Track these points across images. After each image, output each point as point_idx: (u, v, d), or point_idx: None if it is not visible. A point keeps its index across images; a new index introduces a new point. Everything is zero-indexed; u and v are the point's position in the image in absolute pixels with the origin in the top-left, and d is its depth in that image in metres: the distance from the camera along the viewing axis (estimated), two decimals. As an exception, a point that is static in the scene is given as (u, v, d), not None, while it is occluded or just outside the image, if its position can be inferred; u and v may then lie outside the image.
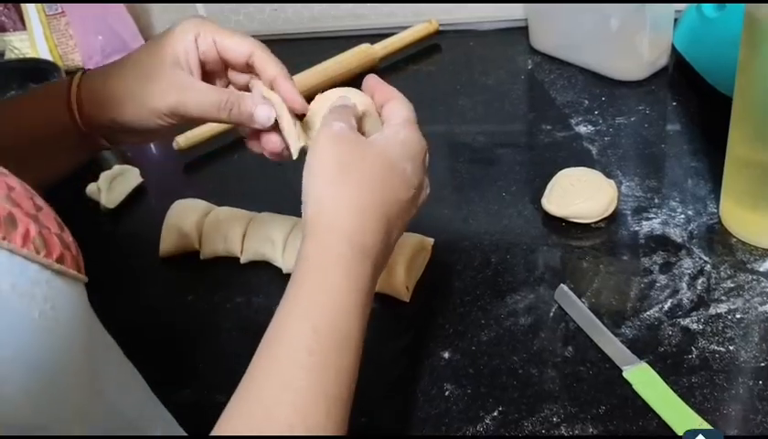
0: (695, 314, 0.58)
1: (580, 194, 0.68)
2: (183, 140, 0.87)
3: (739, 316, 0.57)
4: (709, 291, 0.60)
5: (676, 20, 0.87)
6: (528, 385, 0.55)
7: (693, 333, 0.57)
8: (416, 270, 0.65)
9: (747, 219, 0.64)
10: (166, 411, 0.44)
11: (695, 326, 0.57)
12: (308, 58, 0.95)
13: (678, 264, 0.63)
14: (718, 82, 0.79)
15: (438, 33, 1.04)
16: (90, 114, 0.56)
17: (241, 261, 0.70)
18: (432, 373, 0.57)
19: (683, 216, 0.68)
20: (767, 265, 0.61)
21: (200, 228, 0.71)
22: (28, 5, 1.04)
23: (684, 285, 0.61)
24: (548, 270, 0.65)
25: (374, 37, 1.01)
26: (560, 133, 0.82)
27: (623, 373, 0.54)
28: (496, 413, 0.53)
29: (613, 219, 0.68)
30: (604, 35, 0.87)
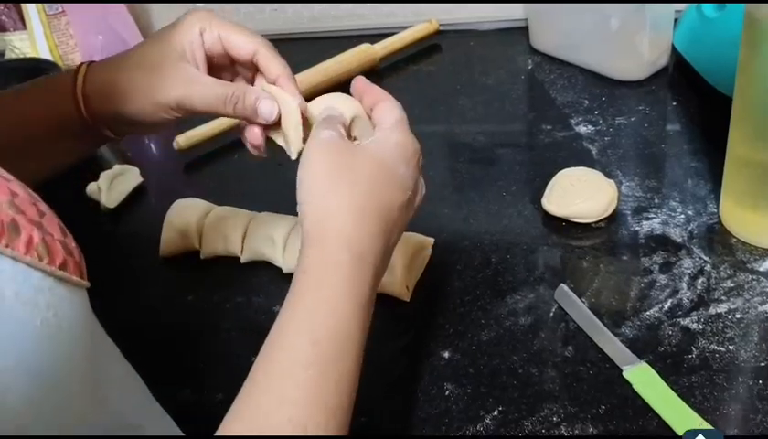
0: (695, 313, 0.58)
1: (580, 194, 0.68)
2: (183, 140, 0.87)
3: (739, 316, 0.57)
4: (709, 291, 0.60)
5: (676, 20, 0.87)
6: (528, 385, 0.55)
7: (693, 333, 0.57)
8: (416, 270, 0.65)
9: (747, 219, 0.64)
10: (165, 412, 0.44)
11: (695, 326, 0.57)
12: (308, 58, 0.95)
13: (678, 264, 0.63)
14: (718, 82, 0.79)
15: (438, 33, 1.04)
16: (96, 106, 0.56)
17: (242, 260, 0.70)
18: (432, 373, 0.57)
19: (683, 216, 0.68)
20: (767, 265, 0.61)
21: (200, 228, 0.71)
22: (29, 4, 1.04)
23: (684, 285, 0.61)
24: (548, 270, 0.65)
25: (374, 37, 1.01)
26: (560, 133, 0.82)
27: (623, 373, 0.54)
28: (496, 413, 0.53)
29: (613, 219, 0.68)
30: (604, 35, 0.87)
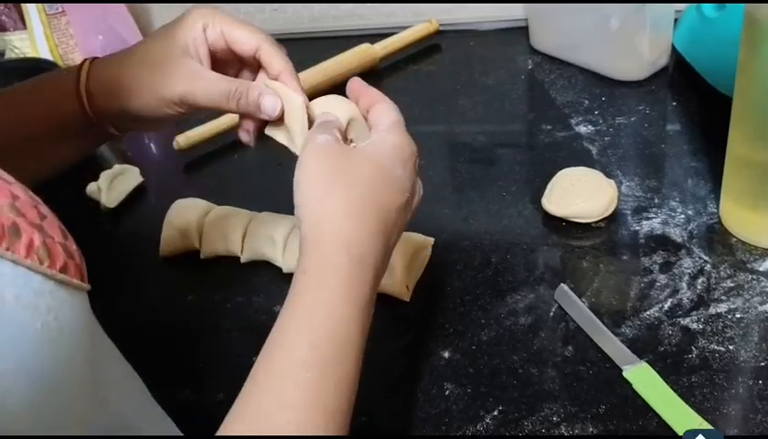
0: (695, 313, 0.58)
1: (580, 194, 0.68)
2: (183, 140, 0.87)
3: (739, 316, 0.58)
4: (709, 290, 0.60)
5: (676, 20, 0.87)
6: (528, 384, 0.55)
7: (693, 332, 0.57)
8: (416, 269, 0.65)
9: (747, 218, 0.64)
10: (165, 414, 0.44)
11: (695, 326, 0.57)
12: (308, 58, 0.95)
13: (678, 264, 0.63)
14: (718, 82, 0.79)
15: (438, 33, 1.04)
16: (100, 103, 0.55)
17: (242, 260, 0.70)
18: (432, 373, 0.57)
19: (683, 216, 0.68)
20: (767, 265, 0.62)
21: (200, 227, 0.71)
22: (29, 4, 1.04)
23: (684, 285, 0.61)
24: (548, 269, 0.65)
25: (374, 37, 1.01)
26: (560, 133, 0.82)
27: (623, 373, 0.54)
28: (496, 413, 0.53)
29: (613, 218, 0.68)
30: (604, 35, 0.87)
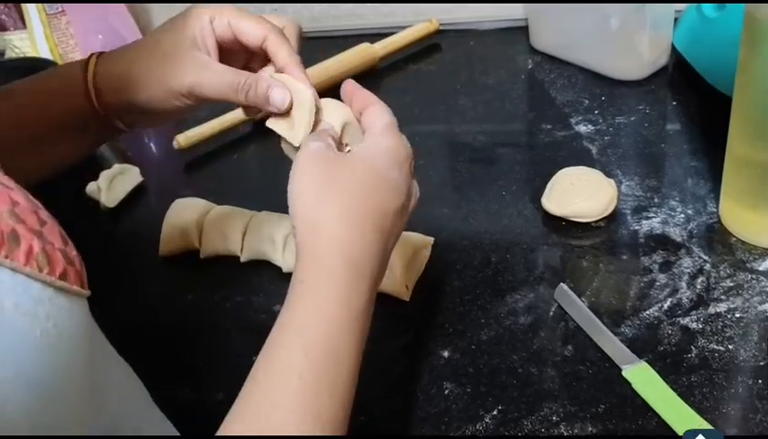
0: (694, 313, 0.58)
1: (580, 193, 0.68)
2: (183, 139, 0.87)
3: (738, 316, 0.58)
4: (709, 290, 0.60)
5: (676, 20, 0.87)
6: (528, 384, 0.55)
7: (692, 332, 0.57)
8: (416, 269, 0.65)
9: (747, 218, 0.64)
10: (164, 416, 0.44)
11: (694, 326, 0.57)
12: (308, 58, 0.94)
13: (678, 263, 0.63)
14: (718, 82, 0.79)
15: (438, 32, 1.03)
16: (109, 97, 0.55)
17: (241, 260, 0.70)
18: (432, 372, 0.57)
19: (683, 215, 0.68)
20: (767, 264, 0.62)
21: (200, 227, 0.71)
22: (29, 4, 1.04)
23: (683, 284, 0.61)
24: (547, 269, 0.65)
25: (374, 37, 1.01)
26: (559, 133, 0.82)
27: (622, 372, 0.54)
28: (495, 412, 0.53)
29: (613, 218, 0.68)
30: (604, 35, 0.87)
